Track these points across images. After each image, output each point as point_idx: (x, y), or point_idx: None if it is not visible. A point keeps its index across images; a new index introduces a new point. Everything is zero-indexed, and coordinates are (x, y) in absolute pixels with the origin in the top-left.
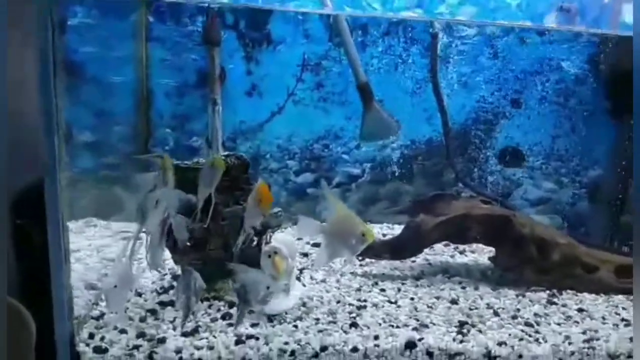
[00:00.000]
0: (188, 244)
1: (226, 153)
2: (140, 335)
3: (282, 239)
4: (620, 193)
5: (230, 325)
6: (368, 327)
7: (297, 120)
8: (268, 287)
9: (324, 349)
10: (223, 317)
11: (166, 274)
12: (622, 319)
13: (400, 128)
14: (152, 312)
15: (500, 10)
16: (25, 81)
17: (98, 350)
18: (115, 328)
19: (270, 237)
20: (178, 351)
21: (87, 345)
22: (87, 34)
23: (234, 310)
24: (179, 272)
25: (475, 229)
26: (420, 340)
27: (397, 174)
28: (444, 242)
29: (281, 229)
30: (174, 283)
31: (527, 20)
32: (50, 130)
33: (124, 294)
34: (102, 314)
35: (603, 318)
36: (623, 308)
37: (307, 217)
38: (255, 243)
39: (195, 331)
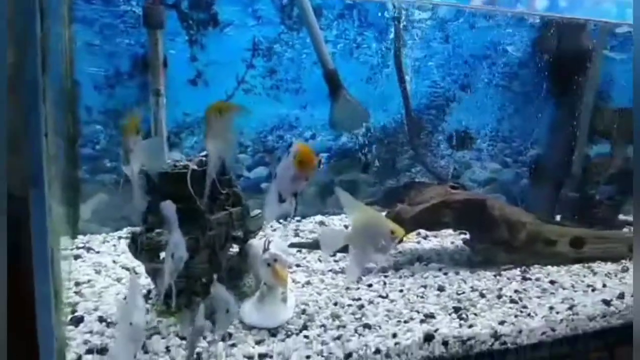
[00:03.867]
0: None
1: (204, 153)
2: None
3: (275, 244)
4: (561, 169)
5: (233, 345)
6: (380, 327)
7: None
8: (227, 311)
9: (348, 356)
10: (222, 339)
11: None
12: (588, 285)
13: (370, 117)
14: None
15: None
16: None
17: None
18: None
19: (269, 242)
20: None
21: None
22: None
23: (232, 329)
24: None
25: (450, 215)
26: (435, 331)
27: (353, 163)
28: None
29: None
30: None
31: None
32: (37, 132)
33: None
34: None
35: (572, 286)
36: (584, 276)
37: (328, 228)
38: (237, 251)
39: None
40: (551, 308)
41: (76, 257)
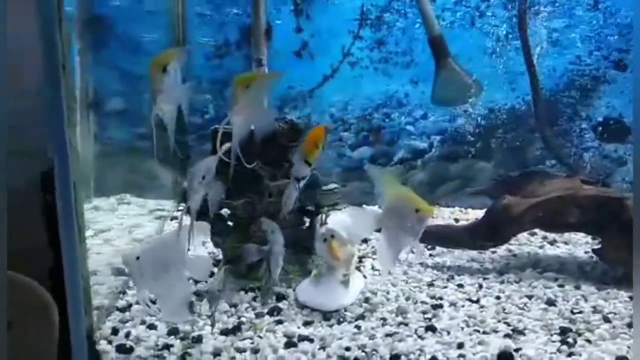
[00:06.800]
0: (230, 223)
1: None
2: (173, 332)
3: (340, 220)
4: None
5: (279, 322)
6: (448, 332)
7: (353, 85)
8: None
9: (395, 358)
10: (270, 313)
11: None
12: None
13: (482, 90)
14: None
15: None
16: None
17: (122, 349)
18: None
19: (326, 217)
20: (216, 353)
21: (110, 342)
22: None
23: (283, 304)
24: (220, 256)
25: (576, 213)
26: (517, 350)
27: (471, 148)
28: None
29: (338, 208)
30: (214, 269)
31: None
32: (57, 101)
33: (158, 272)
34: (129, 305)
35: None
36: None
37: (359, 208)
38: (307, 225)
39: (237, 329)
40: None
41: (172, 218)
